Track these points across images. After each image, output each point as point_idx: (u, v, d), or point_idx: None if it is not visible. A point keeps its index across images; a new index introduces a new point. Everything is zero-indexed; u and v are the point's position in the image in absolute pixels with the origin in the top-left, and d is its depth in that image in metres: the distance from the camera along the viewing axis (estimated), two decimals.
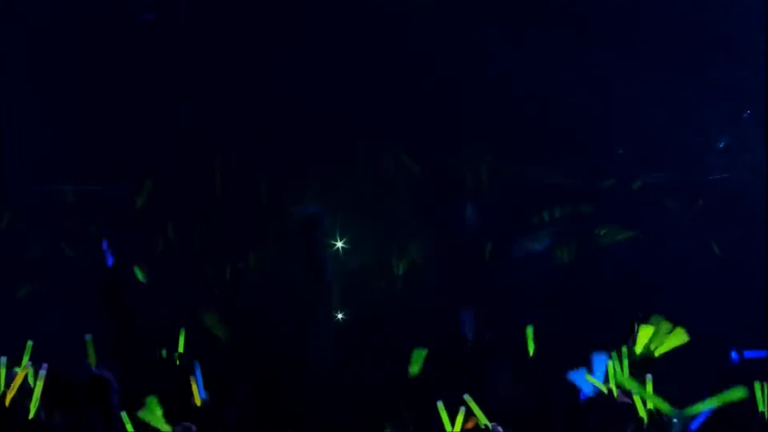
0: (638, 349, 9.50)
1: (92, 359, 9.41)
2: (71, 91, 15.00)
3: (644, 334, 9.62)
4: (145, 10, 15.42)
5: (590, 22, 15.13)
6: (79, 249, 15.16)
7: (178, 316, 13.37)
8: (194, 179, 15.64)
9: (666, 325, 9.51)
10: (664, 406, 7.94)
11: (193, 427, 8.20)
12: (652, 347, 9.43)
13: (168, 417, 8.59)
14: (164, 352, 10.97)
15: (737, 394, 8.11)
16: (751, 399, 9.33)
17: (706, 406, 8.15)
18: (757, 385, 9.34)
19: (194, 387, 9.17)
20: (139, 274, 14.69)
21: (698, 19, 14.87)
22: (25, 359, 8.98)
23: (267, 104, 15.31)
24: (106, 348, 10.45)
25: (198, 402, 9.13)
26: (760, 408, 9.28)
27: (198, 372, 9.24)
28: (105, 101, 15.06)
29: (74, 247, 15.22)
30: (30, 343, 9.08)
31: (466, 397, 7.95)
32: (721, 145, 15.59)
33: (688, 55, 14.96)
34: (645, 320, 9.69)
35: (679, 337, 9.47)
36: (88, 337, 9.63)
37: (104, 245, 12.47)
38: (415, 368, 10.80)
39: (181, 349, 10.04)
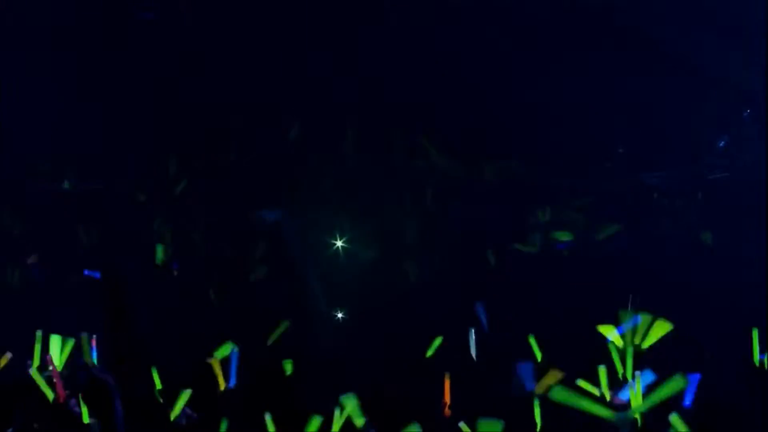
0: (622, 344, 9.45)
1: (89, 358, 9.25)
2: (71, 90, 15.01)
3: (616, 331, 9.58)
4: (145, 9, 15.45)
5: (590, 22, 15.14)
6: (79, 248, 15.18)
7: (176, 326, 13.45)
8: (195, 178, 15.67)
9: (646, 318, 9.45)
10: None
11: (194, 414, 8.19)
12: (637, 341, 9.38)
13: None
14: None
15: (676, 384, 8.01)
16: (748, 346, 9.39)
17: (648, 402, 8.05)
18: (754, 331, 9.40)
19: (220, 375, 8.96)
20: (159, 254, 14.64)
21: (698, 18, 14.88)
22: (37, 350, 8.92)
23: (267, 103, 15.34)
24: (105, 349, 10.40)
25: (222, 387, 8.99)
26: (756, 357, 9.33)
27: (234, 359, 9.01)
28: (105, 100, 15.08)
29: (74, 246, 15.24)
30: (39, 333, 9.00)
31: (461, 425, 7.94)
32: (721, 145, 15.59)
33: (688, 54, 14.96)
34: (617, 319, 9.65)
35: (662, 327, 9.41)
36: (85, 335, 9.40)
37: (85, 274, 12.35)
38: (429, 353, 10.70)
39: (159, 386, 9.51)
